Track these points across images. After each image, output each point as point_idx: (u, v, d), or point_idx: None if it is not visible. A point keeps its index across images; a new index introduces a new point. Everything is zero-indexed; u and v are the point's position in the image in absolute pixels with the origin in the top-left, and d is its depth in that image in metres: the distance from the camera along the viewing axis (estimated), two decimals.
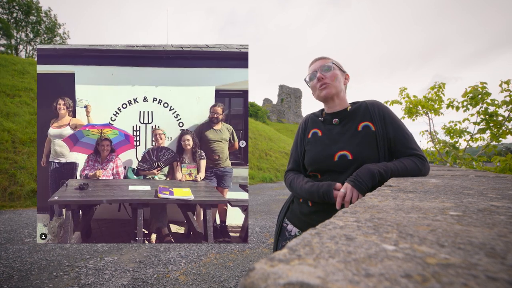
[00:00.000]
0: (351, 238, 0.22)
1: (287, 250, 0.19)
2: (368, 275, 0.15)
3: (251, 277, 0.15)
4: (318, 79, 0.86)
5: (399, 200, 0.41)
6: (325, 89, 0.86)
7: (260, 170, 9.34)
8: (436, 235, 0.23)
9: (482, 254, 0.19)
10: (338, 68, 0.89)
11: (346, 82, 0.93)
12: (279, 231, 0.93)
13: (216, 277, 2.03)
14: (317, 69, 0.88)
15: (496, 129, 2.34)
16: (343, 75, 0.91)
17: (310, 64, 0.92)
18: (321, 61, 0.89)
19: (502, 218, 0.29)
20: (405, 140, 0.80)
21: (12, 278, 1.92)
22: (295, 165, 0.94)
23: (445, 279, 0.15)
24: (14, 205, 4.19)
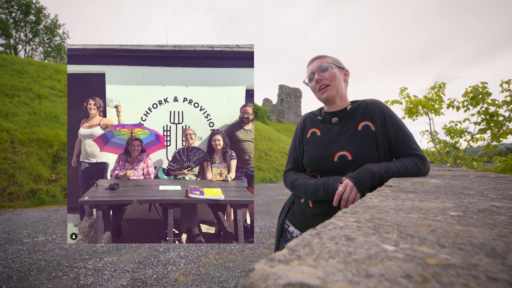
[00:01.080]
0: (351, 239, 0.22)
1: (287, 251, 0.19)
2: (368, 275, 0.15)
3: (251, 277, 0.15)
4: (316, 81, 0.85)
5: (399, 200, 0.41)
6: (325, 91, 0.84)
7: (260, 170, 9.33)
8: (436, 236, 0.23)
9: (483, 254, 0.19)
10: (336, 66, 0.86)
11: (346, 79, 0.90)
12: (280, 233, 0.92)
13: (216, 277, 2.03)
14: (315, 70, 0.86)
15: (497, 129, 2.34)
16: (342, 72, 0.88)
17: (307, 65, 0.90)
18: (318, 61, 0.87)
19: (502, 219, 0.29)
20: (406, 140, 0.79)
21: (11, 278, 1.92)
22: (294, 165, 0.92)
23: (445, 279, 0.15)
24: (13, 205, 4.18)
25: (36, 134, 5.32)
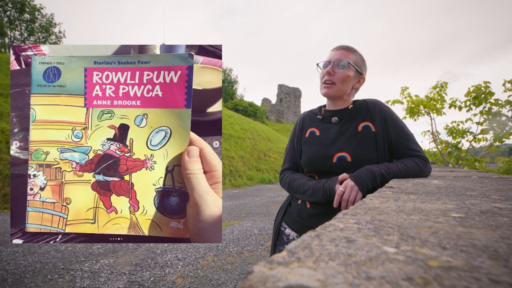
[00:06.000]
0: (351, 241, 0.22)
1: (286, 253, 0.19)
2: (369, 278, 0.15)
3: (249, 280, 0.15)
4: (327, 72, 0.80)
5: (401, 201, 0.40)
6: (326, 88, 0.81)
7: (259, 171, 9.32)
8: (438, 237, 0.23)
9: (485, 256, 0.19)
10: (355, 69, 0.81)
11: (358, 86, 0.86)
12: (276, 236, 0.90)
13: (214, 280, 2.02)
14: (332, 61, 0.80)
15: (500, 129, 2.32)
16: (356, 77, 0.83)
17: (331, 49, 0.85)
18: (341, 53, 0.81)
19: (505, 220, 0.29)
20: (407, 141, 0.78)
21: (6, 281, 1.89)
22: (292, 164, 0.90)
23: (447, 282, 0.15)
24: (8, 207, 4.14)
25: None
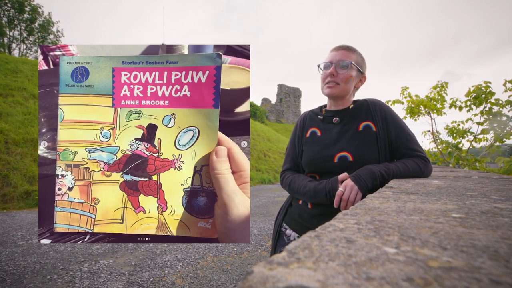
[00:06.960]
0: (351, 241, 0.22)
1: (286, 253, 0.19)
2: (369, 278, 0.15)
3: (249, 280, 0.15)
4: (329, 74, 0.80)
5: (401, 202, 0.40)
6: (330, 88, 0.81)
7: (259, 171, 9.32)
8: (438, 238, 0.23)
9: (485, 257, 0.19)
10: (357, 68, 0.81)
11: (359, 85, 0.86)
12: (277, 236, 0.89)
13: (214, 280, 2.01)
14: (334, 62, 0.80)
15: (500, 129, 2.32)
16: (358, 77, 0.83)
17: (331, 50, 0.84)
18: (342, 54, 0.80)
19: (506, 220, 0.29)
20: (407, 141, 0.78)
21: (5, 281, 1.89)
22: (293, 165, 0.90)
23: (447, 282, 0.15)
24: (7, 207, 4.13)
25: (31, 135, 5.27)
